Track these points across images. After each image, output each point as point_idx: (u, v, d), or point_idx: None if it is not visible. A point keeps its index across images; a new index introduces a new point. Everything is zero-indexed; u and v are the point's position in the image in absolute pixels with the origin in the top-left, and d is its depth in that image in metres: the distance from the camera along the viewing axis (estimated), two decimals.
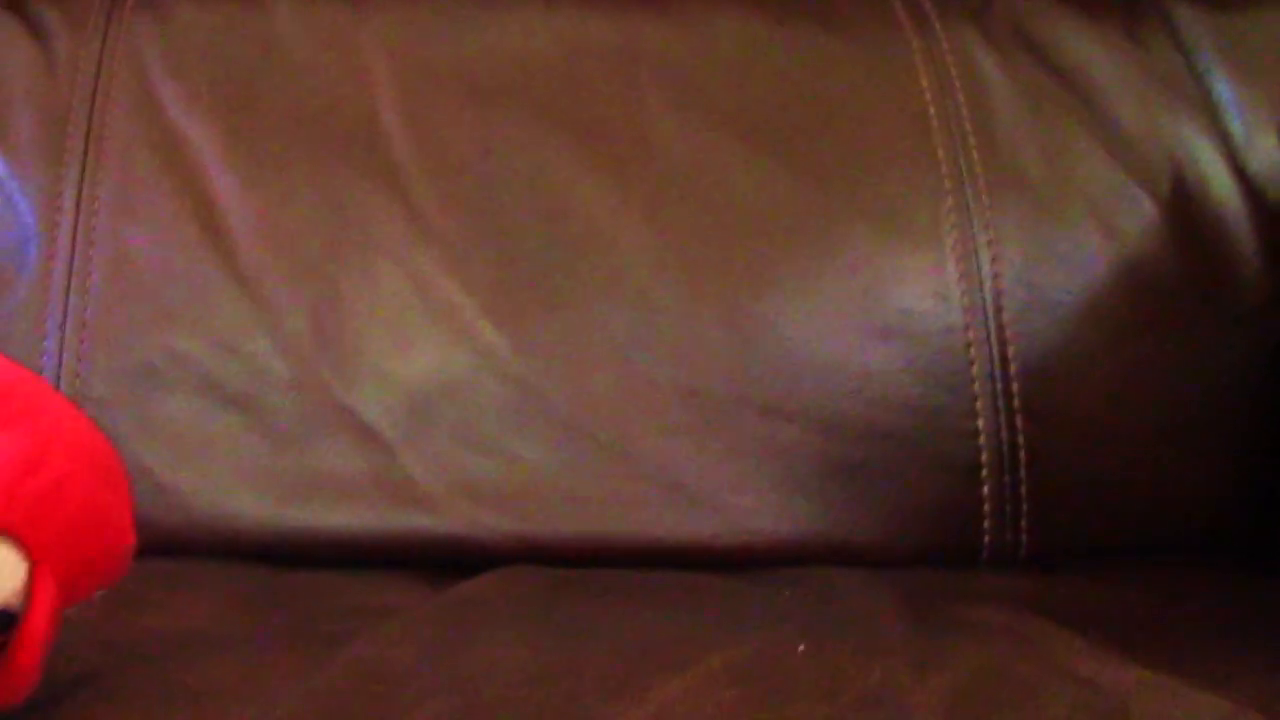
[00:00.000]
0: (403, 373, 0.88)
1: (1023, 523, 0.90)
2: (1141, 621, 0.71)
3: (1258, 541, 0.94)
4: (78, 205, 0.90)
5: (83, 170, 0.90)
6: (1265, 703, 0.57)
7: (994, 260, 0.93)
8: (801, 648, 0.60)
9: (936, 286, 0.93)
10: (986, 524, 0.90)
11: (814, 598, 0.74)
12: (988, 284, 0.93)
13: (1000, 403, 0.91)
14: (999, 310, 0.92)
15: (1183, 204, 0.96)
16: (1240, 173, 0.97)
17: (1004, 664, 0.60)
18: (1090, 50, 0.99)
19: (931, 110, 0.97)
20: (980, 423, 0.90)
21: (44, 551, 0.52)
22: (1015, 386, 0.91)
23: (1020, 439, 0.90)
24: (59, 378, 0.86)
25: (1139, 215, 0.96)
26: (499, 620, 0.67)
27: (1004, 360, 0.91)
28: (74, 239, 0.89)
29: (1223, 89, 0.98)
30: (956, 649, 0.62)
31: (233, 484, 0.86)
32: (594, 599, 0.72)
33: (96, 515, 0.55)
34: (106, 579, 0.57)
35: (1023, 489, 0.90)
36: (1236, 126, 0.98)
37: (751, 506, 0.88)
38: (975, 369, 0.91)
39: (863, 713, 0.53)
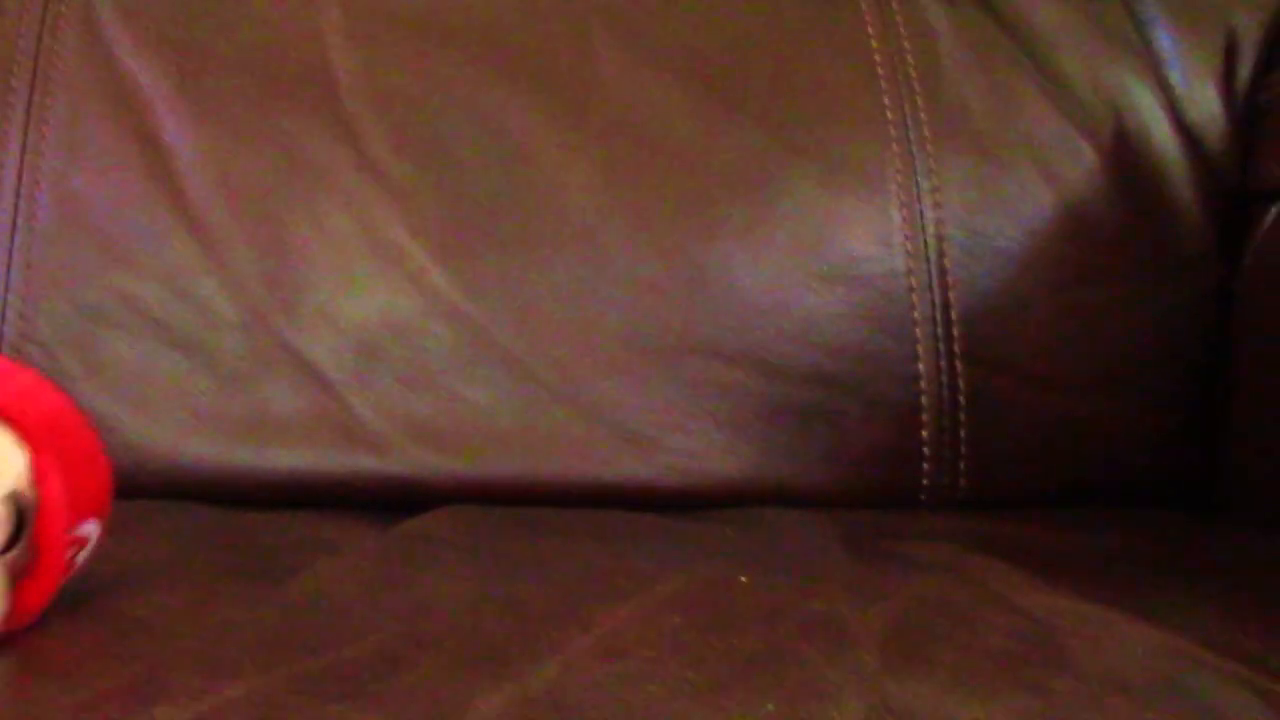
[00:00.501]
0: (350, 314, 0.89)
1: (961, 465, 0.92)
2: (1076, 558, 0.73)
3: (1194, 486, 0.96)
4: (23, 147, 0.90)
5: (29, 111, 0.90)
6: (1194, 634, 0.58)
7: (937, 207, 0.94)
8: (744, 579, 0.61)
9: (880, 232, 0.94)
10: (926, 466, 0.91)
11: (756, 535, 0.75)
12: (930, 230, 0.94)
13: (941, 347, 0.92)
14: (941, 256, 0.93)
15: (1124, 153, 0.97)
16: (1180, 122, 0.98)
17: (942, 595, 0.62)
18: (1035, 1, 1.00)
19: (878, 59, 0.98)
20: (921, 367, 0.92)
21: (40, 443, 0.54)
22: (956, 331, 0.92)
23: (960, 383, 0.92)
24: (3, 319, 0.86)
25: (1081, 163, 0.97)
26: (444, 555, 0.68)
27: (945, 305, 0.92)
28: (19, 180, 0.89)
29: (1164, 40, 0.99)
30: (895, 581, 0.64)
31: (181, 425, 0.87)
32: (539, 536, 0.72)
33: (82, 433, 0.57)
34: (99, 505, 0.58)
35: (962, 432, 0.91)
36: (1177, 77, 0.99)
37: (695, 448, 0.89)
38: (917, 314, 0.92)
39: (803, 640, 0.54)
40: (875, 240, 0.93)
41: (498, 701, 0.49)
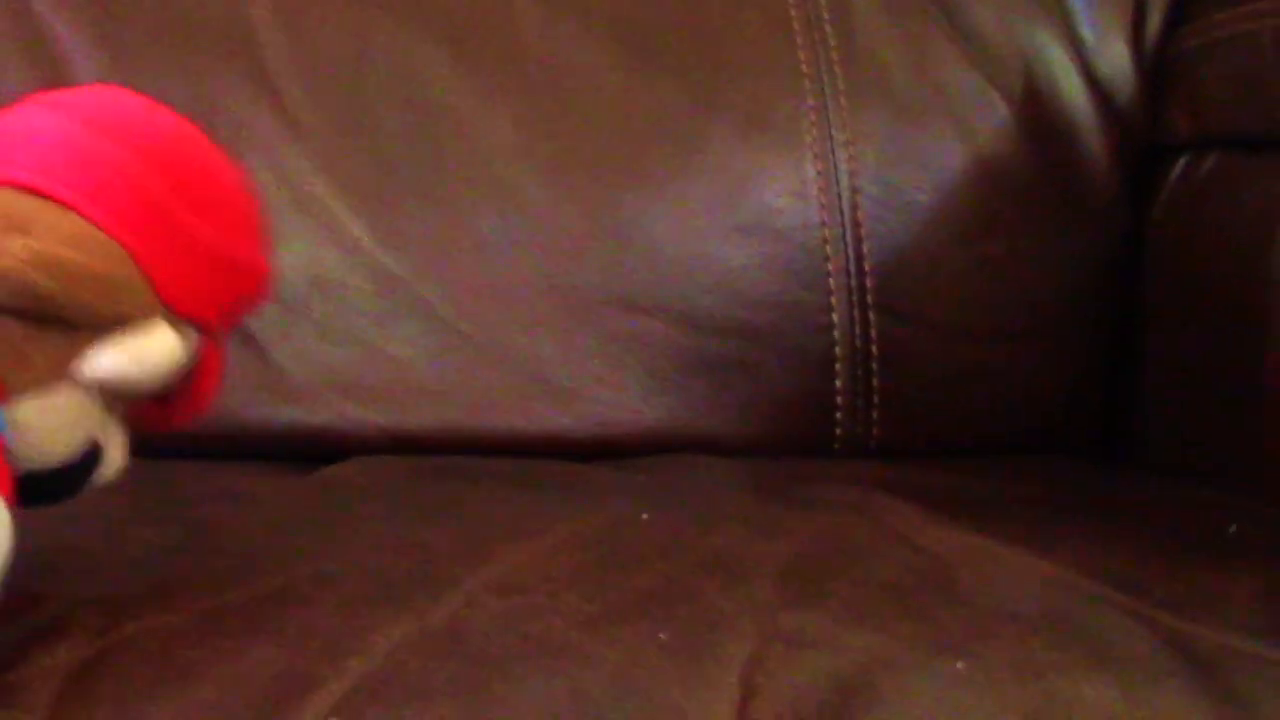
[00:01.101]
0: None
1: (874, 414, 0.93)
2: (978, 500, 0.74)
3: (1104, 435, 0.98)
4: None
5: None
6: (1086, 569, 0.60)
7: (851, 159, 0.95)
8: (645, 517, 0.63)
9: (796, 186, 0.95)
10: (839, 416, 0.93)
11: (666, 479, 0.77)
12: (845, 182, 0.95)
13: (855, 298, 0.93)
14: (855, 208, 0.94)
15: (1035, 106, 0.99)
16: (1090, 76, 1.00)
17: (840, 532, 0.63)
18: None
19: (793, 13, 0.99)
20: (835, 317, 0.93)
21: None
22: (870, 283, 0.94)
23: (873, 334, 0.93)
24: None
25: (993, 116, 0.98)
26: (355, 501, 0.69)
27: (859, 257, 0.94)
28: None
29: None
30: (796, 519, 0.65)
31: None
32: (451, 483, 0.73)
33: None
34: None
35: (874, 382, 0.93)
36: (1087, 31, 1.00)
37: (614, 399, 0.90)
38: (831, 265, 0.93)
39: (701, 574, 0.55)
40: (791, 193, 0.95)
41: (396, 635, 0.50)
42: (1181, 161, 0.97)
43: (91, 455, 0.54)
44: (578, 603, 0.52)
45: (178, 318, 0.53)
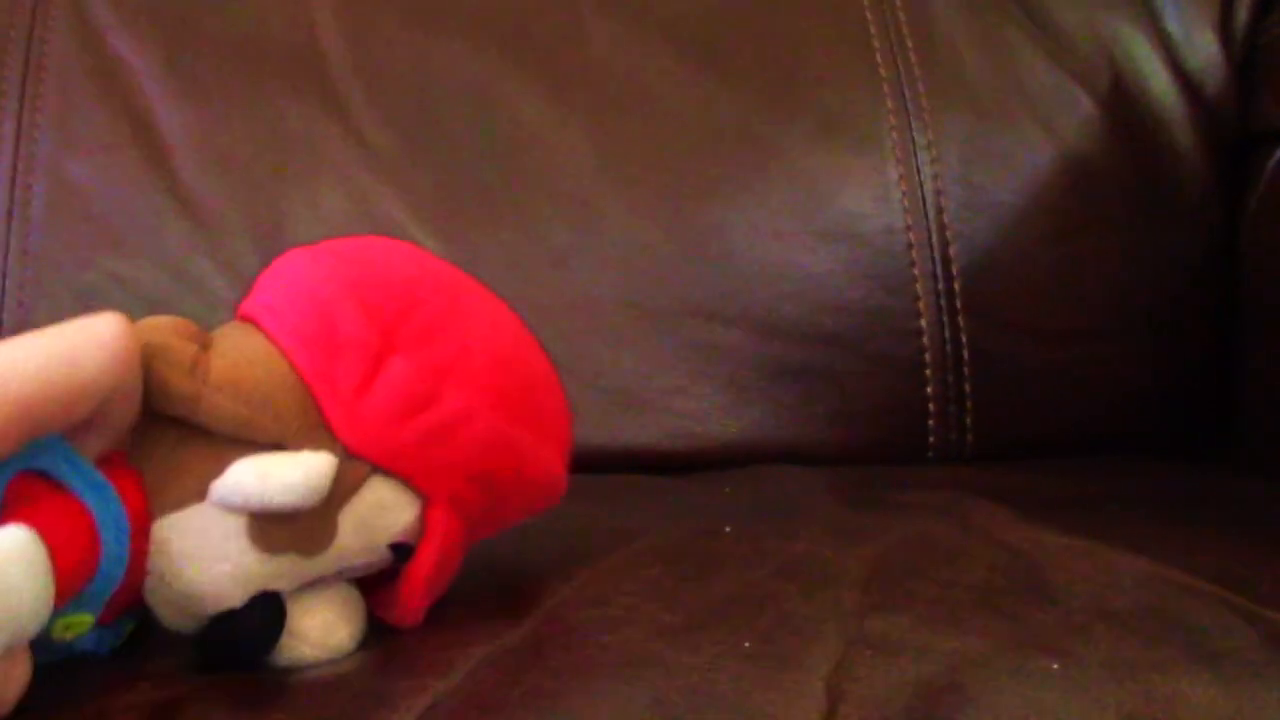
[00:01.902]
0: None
1: (968, 420, 0.91)
2: (1072, 500, 0.72)
3: (1205, 435, 0.95)
4: (17, 135, 0.90)
5: (21, 99, 0.91)
6: (1184, 564, 0.58)
7: (934, 161, 0.94)
8: (728, 529, 0.61)
9: (877, 189, 0.93)
10: (931, 423, 0.91)
11: (752, 491, 0.75)
12: (928, 185, 0.93)
13: (942, 302, 0.91)
14: (940, 211, 0.93)
15: (1121, 102, 0.97)
16: (1178, 69, 0.98)
17: (927, 533, 0.61)
18: None
19: (869, 15, 0.98)
20: (923, 322, 0.91)
21: (436, 488, 0.51)
22: (957, 285, 0.92)
23: (963, 337, 0.91)
24: (2, 306, 0.87)
25: (1078, 114, 0.96)
26: None
27: (945, 260, 0.92)
28: (14, 169, 0.89)
29: None
30: (881, 524, 0.63)
31: None
32: None
33: (501, 449, 0.52)
34: (523, 512, 0.56)
35: (966, 386, 0.91)
36: (1174, 24, 0.98)
37: (697, 411, 0.89)
38: (917, 269, 0.92)
39: (783, 580, 0.54)
40: (872, 197, 0.93)
41: (476, 652, 0.49)
42: (1277, 152, 0.94)
43: (263, 608, 0.49)
44: (658, 613, 0.51)
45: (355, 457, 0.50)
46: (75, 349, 0.44)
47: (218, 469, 0.48)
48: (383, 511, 0.51)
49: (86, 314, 0.46)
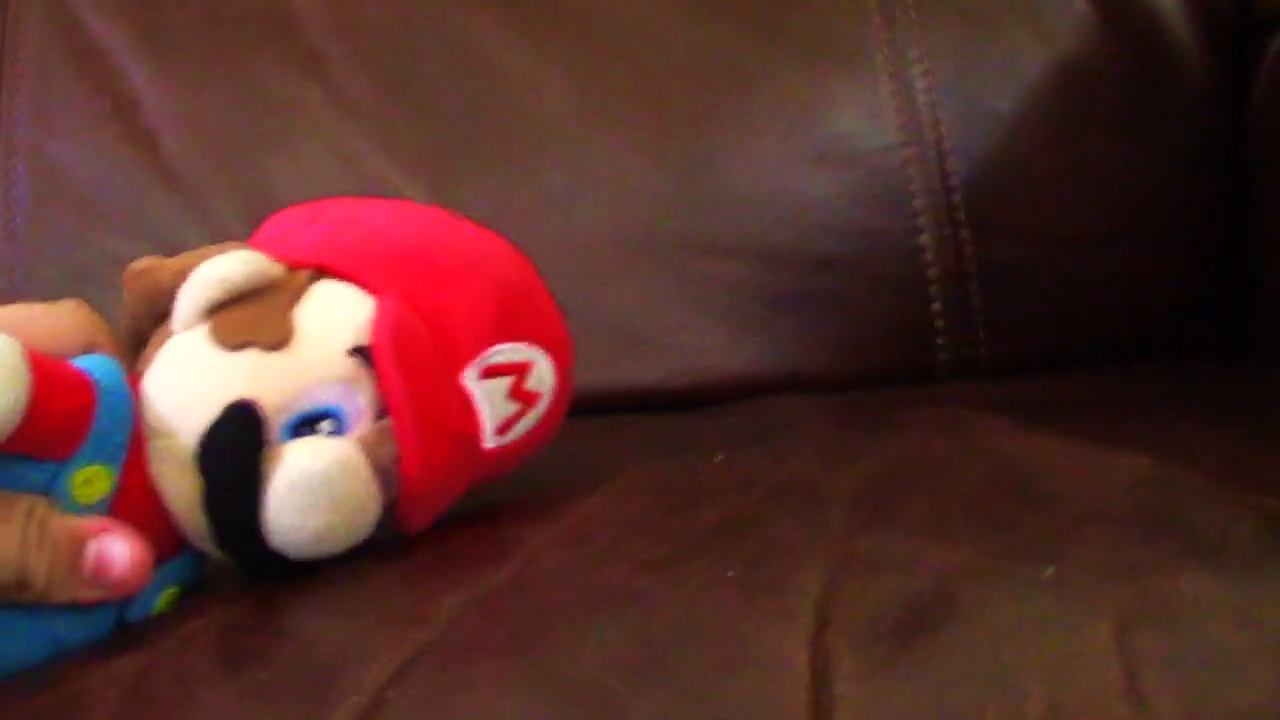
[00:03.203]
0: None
1: (979, 333, 0.90)
2: (1075, 406, 0.71)
3: (1225, 333, 0.94)
4: None
5: None
6: (1188, 462, 0.56)
7: (926, 75, 0.92)
8: (719, 458, 0.60)
9: (869, 108, 0.92)
10: (940, 340, 0.90)
11: (751, 421, 0.74)
12: (921, 100, 0.92)
13: (943, 217, 0.90)
14: (935, 124, 0.91)
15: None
16: None
17: (919, 448, 0.60)
18: None
19: None
20: (925, 239, 0.90)
21: (382, 284, 0.53)
22: (957, 199, 0.90)
23: (967, 250, 0.90)
24: None
25: (1071, 15, 0.95)
26: None
27: (944, 175, 0.91)
28: None
29: None
30: (875, 443, 0.62)
31: None
32: None
33: (432, 246, 0.55)
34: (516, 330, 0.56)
35: (975, 301, 0.90)
36: None
37: (700, 345, 0.88)
38: (915, 186, 0.90)
39: (770, 506, 0.53)
40: (865, 117, 0.92)
41: (457, 599, 0.48)
42: (1277, 39, 0.92)
43: (237, 413, 0.50)
44: (642, 546, 0.50)
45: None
46: None
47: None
48: (334, 308, 0.52)
49: (79, 294, 0.49)
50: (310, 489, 0.50)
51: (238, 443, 0.50)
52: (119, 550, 0.49)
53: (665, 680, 0.42)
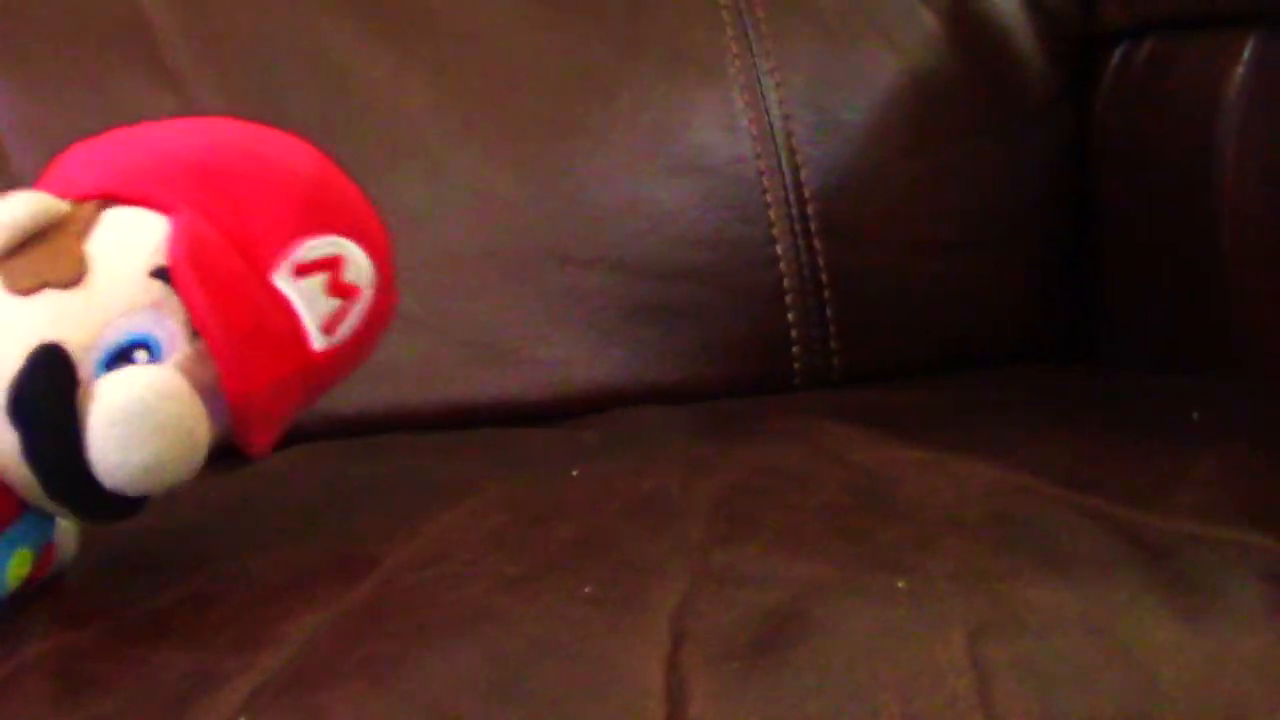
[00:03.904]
0: None
1: (832, 344, 0.91)
2: (927, 414, 0.72)
3: (1074, 340, 0.95)
4: None
5: None
6: (1034, 469, 0.57)
7: (779, 86, 0.93)
8: (575, 472, 0.60)
9: (724, 119, 0.92)
10: (796, 350, 0.90)
11: (610, 433, 0.74)
12: (775, 110, 0.92)
13: (797, 227, 0.91)
14: (789, 135, 0.92)
15: (963, 14, 0.96)
16: None
17: (775, 461, 0.61)
18: None
19: None
20: (779, 249, 0.90)
21: (172, 201, 0.51)
22: (811, 209, 0.91)
23: (821, 260, 0.91)
24: None
25: (920, 28, 0.96)
26: (275, 492, 0.66)
27: (798, 184, 0.91)
28: None
29: None
30: (733, 454, 0.62)
31: None
32: (379, 462, 0.71)
33: (225, 150, 0.53)
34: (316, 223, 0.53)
35: (828, 310, 0.90)
36: None
37: (560, 357, 0.88)
38: (769, 196, 0.91)
39: (627, 520, 0.53)
40: (720, 128, 0.92)
41: (309, 622, 0.48)
42: (1118, 52, 0.94)
43: (42, 356, 0.48)
44: (498, 565, 0.50)
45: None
46: None
47: None
48: (127, 233, 0.50)
49: None
50: (128, 421, 0.48)
51: (47, 388, 0.48)
52: None
53: (520, 702, 0.42)
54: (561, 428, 0.79)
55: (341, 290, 0.53)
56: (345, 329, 0.54)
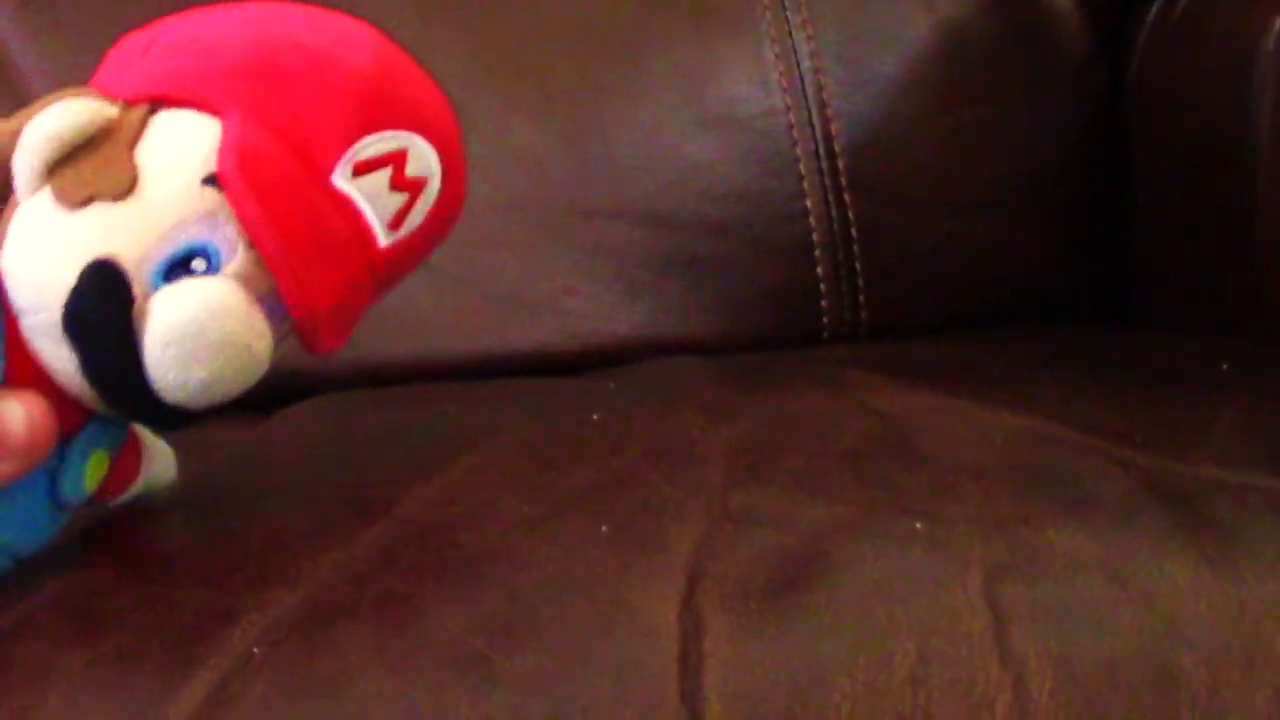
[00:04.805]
0: None
1: (860, 298, 0.90)
2: (954, 366, 0.71)
3: (1107, 298, 0.94)
4: None
5: None
6: (1060, 418, 0.57)
7: (810, 40, 0.92)
8: (596, 417, 0.60)
9: (754, 72, 0.92)
10: (824, 304, 0.90)
11: (638, 383, 0.73)
12: (805, 64, 0.92)
13: (827, 181, 0.90)
14: (819, 89, 0.91)
15: None
16: None
17: (798, 406, 0.60)
18: None
19: None
20: (809, 203, 0.90)
21: (222, 100, 0.48)
22: (841, 164, 0.90)
23: (850, 215, 0.90)
24: None
25: None
26: (301, 439, 0.66)
27: (827, 138, 0.90)
28: None
29: None
30: (756, 401, 0.62)
31: None
32: (403, 410, 0.70)
33: (273, 43, 0.49)
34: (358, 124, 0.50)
35: (857, 265, 0.90)
36: None
37: (586, 310, 0.87)
38: (799, 150, 0.90)
39: (647, 463, 0.53)
40: (750, 81, 0.91)
41: (325, 561, 0.47)
42: (1154, 8, 0.93)
43: (95, 273, 0.46)
44: (515, 506, 0.50)
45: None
46: None
47: None
48: (178, 139, 0.48)
49: None
50: (183, 341, 0.46)
51: (102, 306, 0.46)
52: (13, 412, 0.46)
53: (534, 639, 0.42)
54: (584, 378, 0.78)
55: (406, 185, 0.51)
56: (412, 222, 0.52)
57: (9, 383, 0.47)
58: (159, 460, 0.55)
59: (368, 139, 0.49)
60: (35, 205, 0.47)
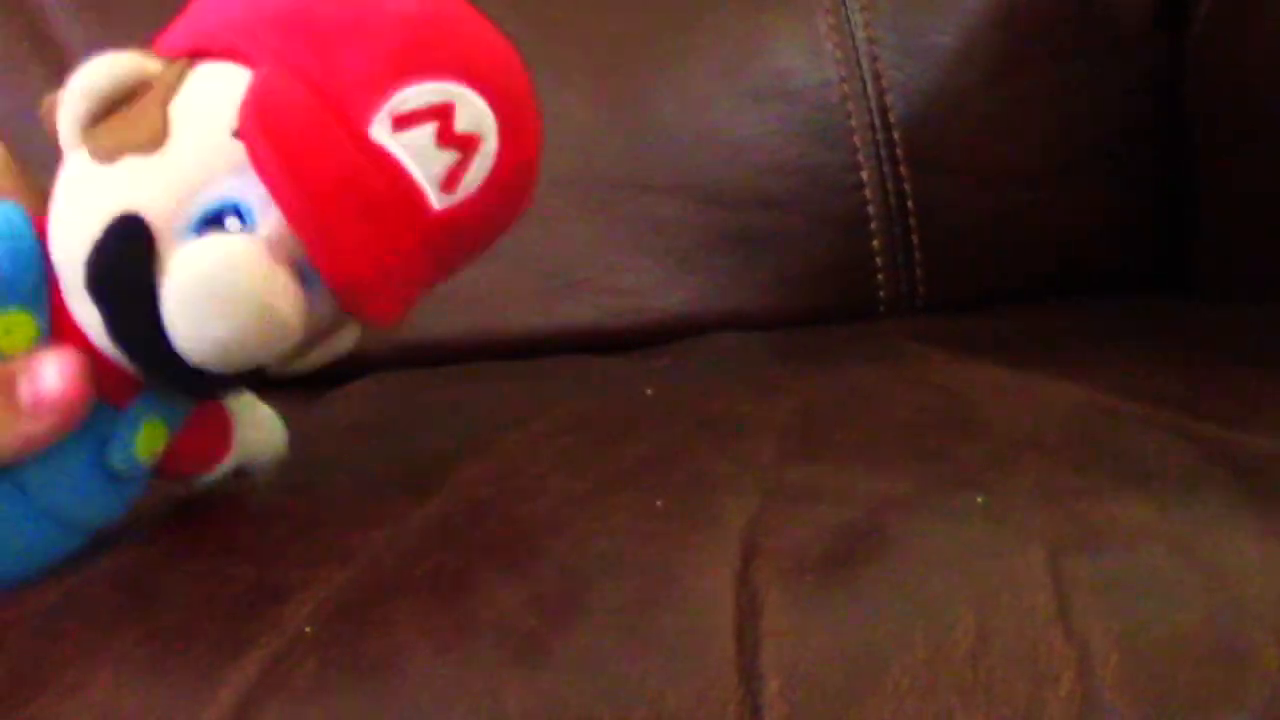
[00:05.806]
0: None
1: (917, 272, 0.89)
2: (1013, 338, 0.70)
3: (1169, 269, 0.93)
4: None
5: None
6: (1120, 389, 0.56)
7: (865, 9, 0.91)
8: (649, 392, 0.59)
9: (807, 43, 0.90)
10: (880, 277, 0.89)
11: (691, 358, 0.73)
12: (860, 34, 0.90)
13: (883, 153, 0.89)
14: (874, 60, 0.90)
15: None
16: None
17: (853, 380, 0.59)
18: None
19: None
20: (864, 175, 0.89)
21: (255, 50, 0.46)
22: (896, 135, 0.89)
23: (906, 187, 0.89)
24: None
25: None
26: (353, 416, 0.65)
27: (882, 110, 0.89)
28: None
29: None
30: (808, 374, 0.61)
31: None
32: (455, 387, 0.70)
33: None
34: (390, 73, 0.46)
35: (914, 238, 0.89)
36: None
37: (636, 286, 0.87)
38: (854, 121, 0.89)
39: (700, 437, 0.52)
40: (803, 52, 0.90)
41: (377, 537, 0.47)
42: None
43: (120, 226, 0.45)
44: (568, 481, 0.49)
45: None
46: None
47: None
48: (210, 91, 0.46)
49: None
50: (195, 298, 0.44)
51: (122, 262, 0.45)
52: (50, 369, 0.46)
53: (587, 617, 0.41)
54: (637, 354, 0.78)
55: (456, 140, 0.47)
56: (470, 183, 0.47)
57: (57, 345, 0.46)
58: (265, 431, 0.54)
59: (409, 89, 0.46)
60: (75, 161, 0.46)
